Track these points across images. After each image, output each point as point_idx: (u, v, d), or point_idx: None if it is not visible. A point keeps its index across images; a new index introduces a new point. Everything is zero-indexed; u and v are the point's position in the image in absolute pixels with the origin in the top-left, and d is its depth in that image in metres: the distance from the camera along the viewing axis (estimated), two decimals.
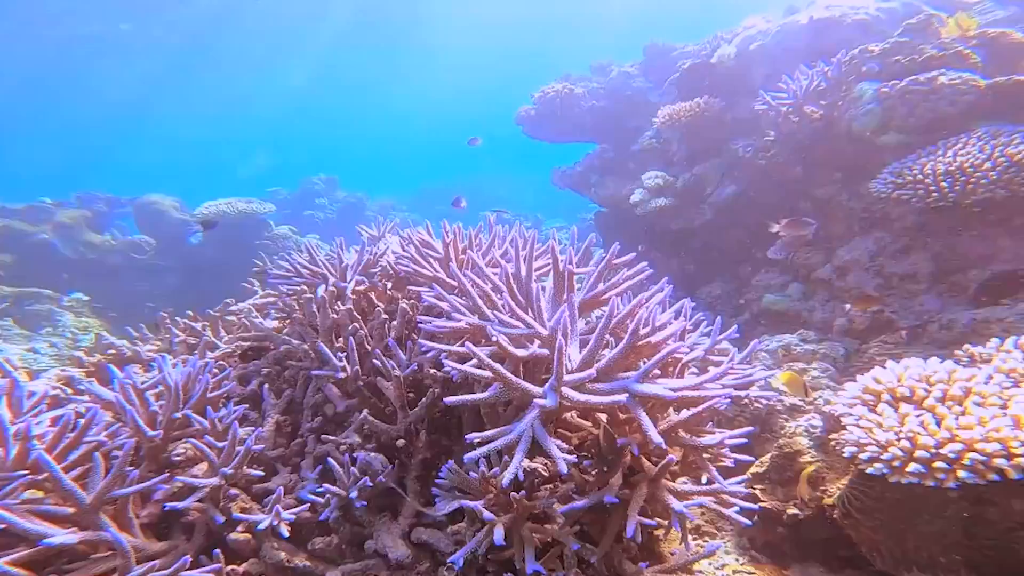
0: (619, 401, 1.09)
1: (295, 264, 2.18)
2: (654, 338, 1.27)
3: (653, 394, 1.13)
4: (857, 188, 2.77)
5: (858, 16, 3.34)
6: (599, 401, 1.14)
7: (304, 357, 1.96)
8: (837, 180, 2.91)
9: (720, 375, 1.17)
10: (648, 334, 1.27)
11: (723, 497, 1.23)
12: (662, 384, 1.22)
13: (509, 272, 1.59)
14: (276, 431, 2.00)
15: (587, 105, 6.16)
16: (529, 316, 1.38)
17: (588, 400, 1.17)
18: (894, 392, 1.40)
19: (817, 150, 3.00)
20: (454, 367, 1.31)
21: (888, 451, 1.25)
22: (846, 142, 2.83)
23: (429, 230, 2.16)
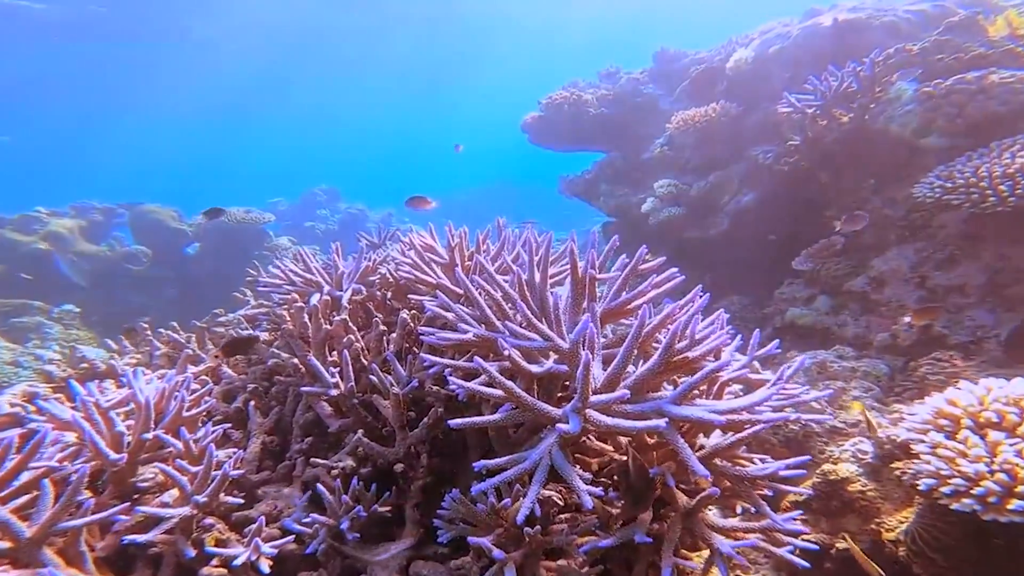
0: (657, 427, 0.93)
1: (286, 271, 2.04)
2: (691, 353, 1.12)
3: (696, 419, 0.98)
4: (892, 194, 2.63)
5: (886, 18, 3.22)
6: (632, 427, 0.98)
7: (294, 372, 1.81)
8: (868, 187, 2.77)
9: (770, 396, 1.01)
10: (684, 348, 1.12)
11: (776, 535, 1.07)
12: (703, 406, 1.06)
13: (522, 278, 1.44)
14: (262, 453, 1.84)
15: (595, 112, 6.06)
16: (546, 327, 1.23)
17: (618, 425, 1.01)
18: (977, 417, 1.23)
19: (846, 155, 2.86)
20: (460, 385, 1.16)
21: (981, 485, 1.09)
22: (880, 146, 2.70)
23: (432, 233, 2.02)
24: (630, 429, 0.98)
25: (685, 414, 1.00)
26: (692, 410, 1.01)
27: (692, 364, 1.15)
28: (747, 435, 1.13)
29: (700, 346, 1.12)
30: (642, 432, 1.05)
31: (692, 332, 1.11)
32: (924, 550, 1.25)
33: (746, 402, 1.01)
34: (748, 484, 1.09)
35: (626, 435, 1.40)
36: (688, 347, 1.11)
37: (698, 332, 1.11)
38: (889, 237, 2.63)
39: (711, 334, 1.10)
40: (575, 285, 1.47)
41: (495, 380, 1.13)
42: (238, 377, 1.95)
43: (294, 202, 15.43)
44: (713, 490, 1.04)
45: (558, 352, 1.22)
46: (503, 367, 1.45)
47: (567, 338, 1.30)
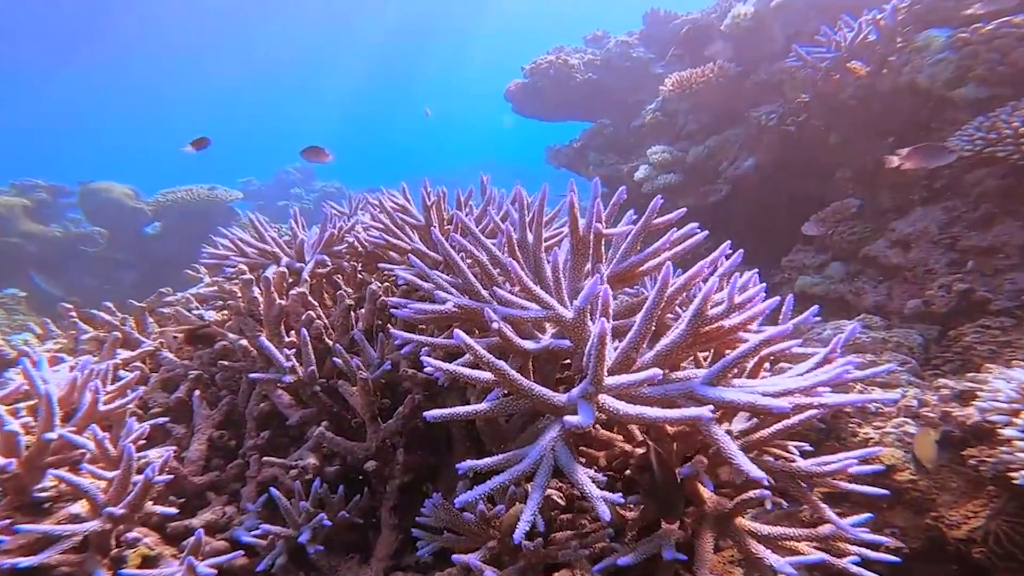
0: (699, 417, 0.71)
1: (235, 240, 1.78)
2: (728, 321, 0.90)
3: (746, 404, 0.76)
4: None
5: None
6: (662, 417, 0.76)
7: (244, 355, 1.56)
8: (888, 145, 2.57)
9: (840, 374, 0.80)
10: (720, 316, 0.89)
11: (839, 545, 0.86)
12: (748, 388, 0.85)
13: (512, 237, 1.21)
14: (209, 450, 1.60)
15: (582, 78, 5.78)
16: (544, 292, 1.00)
17: (643, 415, 0.79)
18: None
19: (862, 112, 2.65)
20: (437, 367, 0.93)
21: None
22: (902, 100, 2.49)
23: (406, 194, 1.76)
24: (661, 420, 0.76)
25: (730, 398, 0.78)
26: (738, 393, 0.79)
27: (728, 335, 0.93)
28: (797, 423, 0.92)
29: (739, 312, 0.90)
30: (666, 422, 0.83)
31: (730, 294, 0.88)
32: (1015, 552, 1.06)
33: (806, 382, 0.80)
34: (803, 482, 0.88)
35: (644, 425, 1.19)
36: (725, 313, 0.89)
37: (736, 295, 0.89)
38: (911, 198, 2.44)
39: (754, 297, 0.88)
40: (575, 245, 1.24)
41: (482, 360, 0.90)
42: (180, 363, 1.69)
43: (267, 181, 14.94)
44: (762, 493, 0.84)
45: (560, 323, 1.00)
46: (491, 344, 1.22)
47: (571, 305, 1.07)
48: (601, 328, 0.75)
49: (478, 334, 1.44)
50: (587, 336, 0.99)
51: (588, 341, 0.90)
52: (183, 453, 1.56)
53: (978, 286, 1.95)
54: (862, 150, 2.71)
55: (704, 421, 0.73)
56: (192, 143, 3.53)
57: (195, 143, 3.53)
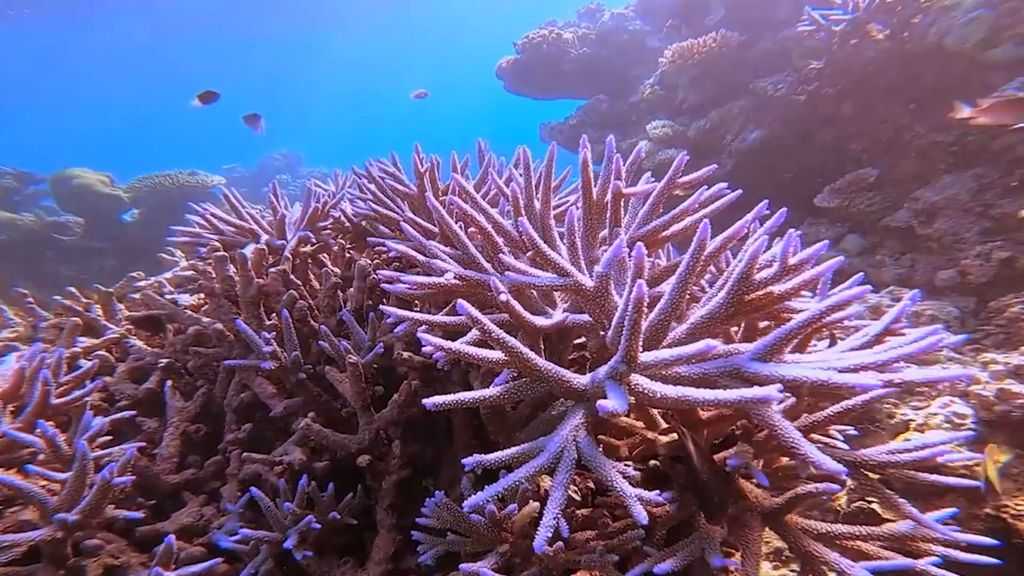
0: (767, 399, 0.59)
1: (209, 216, 1.63)
2: (779, 286, 0.77)
3: (815, 382, 0.64)
4: (942, 119, 2.30)
5: None
6: (713, 400, 0.63)
7: (219, 340, 1.42)
8: (908, 112, 2.45)
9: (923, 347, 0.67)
10: (770, 280, 0.77)
11: (917, 545, 0.74)
12: (810, 364, 0.72)
13: (518, 199, 1.07)
14: (184, 446, 1.47)
15: (577, 53, 5.61)
16: (560, 257, 0.87)
17: (686, 397, 0.66)
18: None
19: (881, 77, 2.52)
20: (438, 345, 0.79)
21: None
22: (927, 64, 2.35)
23: (396, 161, 1.62)
24: (711, 404, 0.64)
25: (793, 375, 0.65)
26: (801, 370, 0.66)
27: (777, 302, 0.80)
28: (861, 404, 0.80)
29: (792, 277, 0.77)
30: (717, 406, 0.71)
31: (783, 253, 0.75)
32: None
33: (885, 354, 0.67)
34: (871, 472, 0.76)
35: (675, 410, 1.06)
36: (776, 277, 0.76)
37: (790, 254, 0.76)
38: (936, 166, 2.32)
39: (809, 258, 0.76)
40: (588, 210, 1.10)
41: (491, 336, 0.77)
42: (150, 351, 1.55)
43: (251, 168, 14.67)
44: (829, 486, 0.72)
45: (579, 292, 0.87)
46: (497, 322, 1.09)
47: (590, 271, 0.94)
48: (639, 291, 0.62)
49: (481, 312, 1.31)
50: (611, 307, 0.86)
51: (616, 312, 0.77)
52: (154, 449, 1.43)
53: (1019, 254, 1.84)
54: (880, 118, 2.59)
55: (765, 404, 0.61)
56: (199, 96, 3.32)
57: (202, 96, 3.31)
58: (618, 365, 0.74)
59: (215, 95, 3.40)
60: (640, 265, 0.68)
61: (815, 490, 0.75)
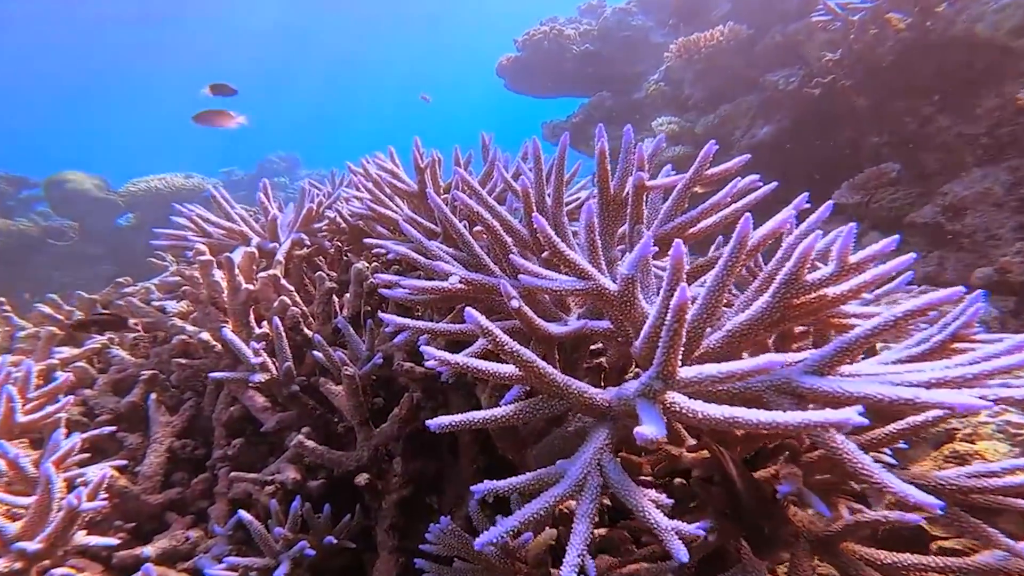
0: (844, 423, 0.49)
1: (195, 218, 1.54)
2: (836, 288, 0.68)
3: (895, 400, 0.54)
4: (969, 110, 2.21)
5: None
6: (771, 423, 0.54)
7: (206, 351, 1.33)
8: (932, 104, 2.35)
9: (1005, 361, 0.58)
10: (824, 282, 0.67)
11: None
12: (879, 376, 0.63)
13: (531, 196, 0.98)
14: (169, 463, 1.37)
15: (579, 50, 5.52)
16: (579, 257, 0.77)
17: (736, 419, 0.57)
18: None
19: (902, 68, 2.43)
20: (441, 359, 0.70)
21: None
22: (953, 53, 2.26)
23: (394, 157, 1.53)
24: (768, 428, 0.54)
25: (864, 392, 0.56)
26: (874, 387, 0.57)
27: (831, 307, 0.71)
28: (926, 422, 0.70)
29: (850, 278, 0.68)
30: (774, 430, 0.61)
31: (842, 250, 0.66)
32: None
33: (977, 367, 0.58)
34: (948, 499, 0.67)
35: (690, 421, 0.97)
36: (833, 277, 0.67)
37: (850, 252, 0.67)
38: (964, 159, 2.23)
39: (874, 256, 0.66)
40: (605, 205, 1.01)
41: (503, 347, 0.68)
42: (135, 361, 1.46)
43: (249, 171, 14.60)
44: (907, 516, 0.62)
45: (601, 297, 0.77)
46: (506, 330, 1.00)
47: (610, 273, 0.85)
48: (681, 296, 0.53)
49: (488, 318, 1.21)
50: (637, 314, 0.77)
51: (647, 321, 0.68)
52: (136, 467, 1.34)
53: None
54: (901, 111, 2.50)
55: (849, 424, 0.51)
56: (211, 87, 3.06)
57: (214, 87, 3.06)
58: (652, 382, 0.64)
59: (231, 90, 3.15)
60: (679, 266, 0.58)
61: (887, 519, 0.66)
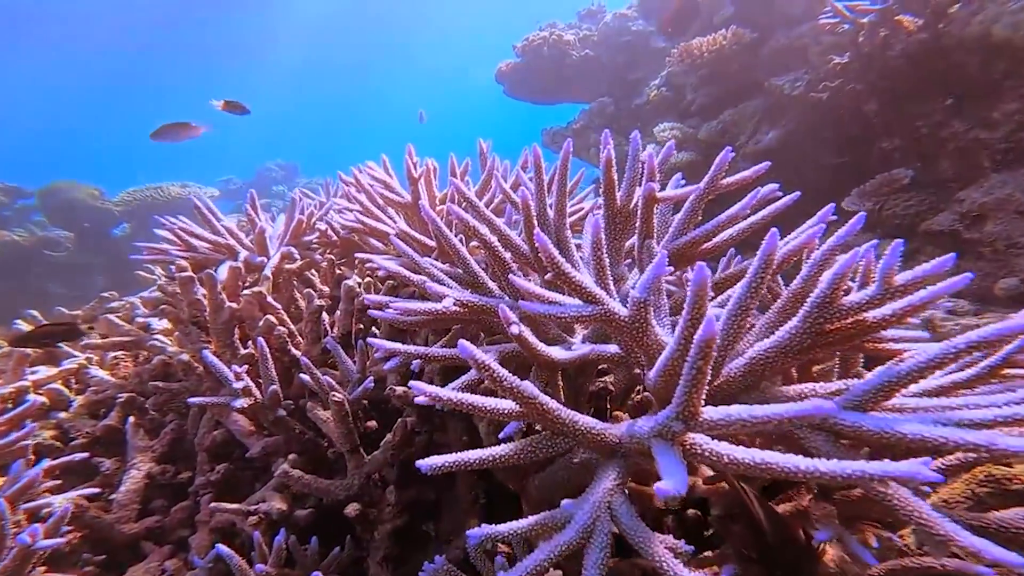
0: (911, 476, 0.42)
1: (179, 231, 1.47)
2: (877, 311, 0.60)
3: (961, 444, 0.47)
4: (985, 113, 2.14)
5: None
6: (819, 472, 0.46)
7: (187, 373, 1.25)
8: (945, 108, 2.28)
9: None
10: (864, 305, 0.60)
11: None
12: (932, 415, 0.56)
13: (531, 209, 0.91)
14: (148, 489, 1.30)
15: (578, 55, 5.48)
16: (585, 278, 0.70)
17: (770, 465, 0.50)
18: None
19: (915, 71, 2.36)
20: (434, 396, 0.63)
21: None
22: (968, 56, 2.19)
23: (387, 166, 1.46)
24: (814, 475, 0.47)
25: (923, 434, 0.48)
26: (937, 429, 0.49)
27: (868, 334, 0.63)
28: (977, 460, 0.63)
29: (895, 300, 0.61)
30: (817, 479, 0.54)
31: (886, 270, 0.59)
32: None
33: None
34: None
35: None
36: (876, 300, 0.60)
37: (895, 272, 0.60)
38: (981, 164, 2.15)
39: (924, 277, 0.59)
40: (611, 218, 0.94)
41: (501, 383, 0.61)
42: (114, 382, 1.38)
43: (247, 179, 14.59)
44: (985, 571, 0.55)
45: (610, 323, 0.70)
46: (506, 352, 0.92)
47: (618, 290, 0.78)
48: (708, 329, 0.46)
49: (484, 339, 1.14)
50: (651, 342, 0.69)
51: (663, 352, 0.60)
52: (112, 494, 1.26)
53: None
54: (912, 115, 2.43)
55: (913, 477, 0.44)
56: (224, 103, 2.98)
57: (227, 104, 2.98)
58: (670, 422, 0.57)
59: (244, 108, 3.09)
60: (703, 293, 0.51)
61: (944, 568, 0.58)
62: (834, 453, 0.59)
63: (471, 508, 1.31)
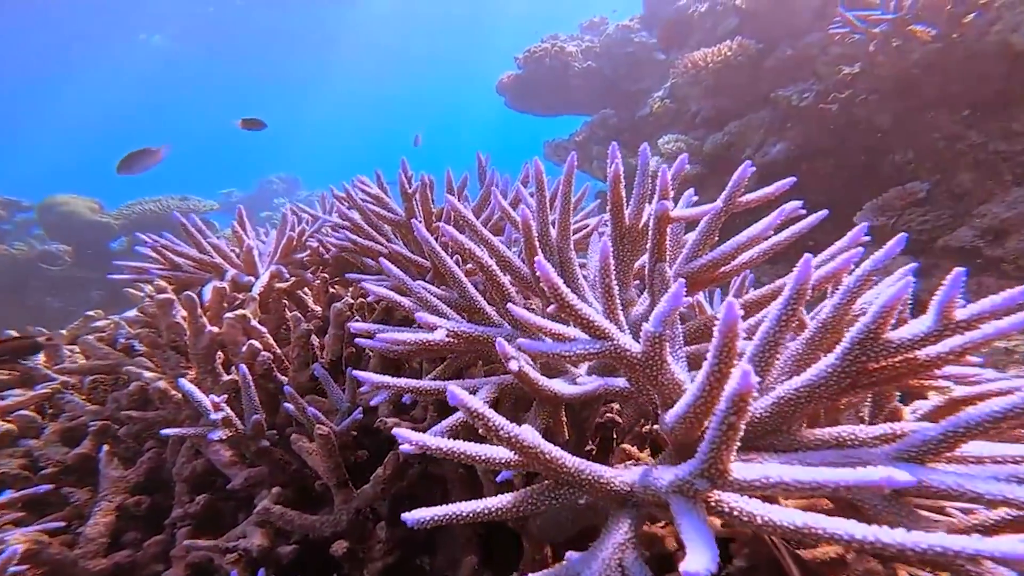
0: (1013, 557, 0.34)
1: (161, 248, 1.40)
2: (932, 349, 0.53)
3: None
4: (1006, 125, 2.07)
5: None
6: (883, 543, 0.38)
7: (163, 402, 1.18)
8: (962, 119, 2.21)
9: None
10: (917, 342, 0.53)
11: None
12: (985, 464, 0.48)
13: (532, 228, 0.84)
14: (118, 522, 1.22)
15: (581, 67, 5.45)
16: (589, 308, 0.62)
17: (816, 531, 0.42)
18: None
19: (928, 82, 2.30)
20: (419, 445, 0.55)
21: None
22: (986, 65, 2.13)
23: (381, 181, 1.39)
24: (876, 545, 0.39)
25: (1006, 495, 0.41)
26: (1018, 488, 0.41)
27: (919, 373, 0.56)
28: None
29: (957, 336, 0.53)
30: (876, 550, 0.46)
31: (944, 303, 0.51)
32: None
33: None
34: None
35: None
36: (931, 336, 0.52)
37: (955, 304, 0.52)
38: (1002, 177, 2.08)
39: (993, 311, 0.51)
40: (618, 238, 0.87)
41: (498, 432, 0.53)
42: (90, 408, 1.31)
43: (249, 192, 14.61)
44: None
45: (621, 360, 0.62)
46: (505, 384, 0.85)
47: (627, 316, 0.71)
48: (744, 382, 0.38)
49: (483, 368, 1.06)
50: (666, 381, 0.62)
51: (678, 387, 0.53)
52: (81, 527, 1.18)
53: None
54: (927, 127, 2.36)
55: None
56: (243, 121, 3.12)
57: (246, 122, 3.12)
58: (693, 479, 0.49)
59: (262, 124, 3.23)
60: (733, 335, 0.43)
61: None
62: (888, 511, 0.51)
63: (468, 543, 1.23)
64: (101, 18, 17.90)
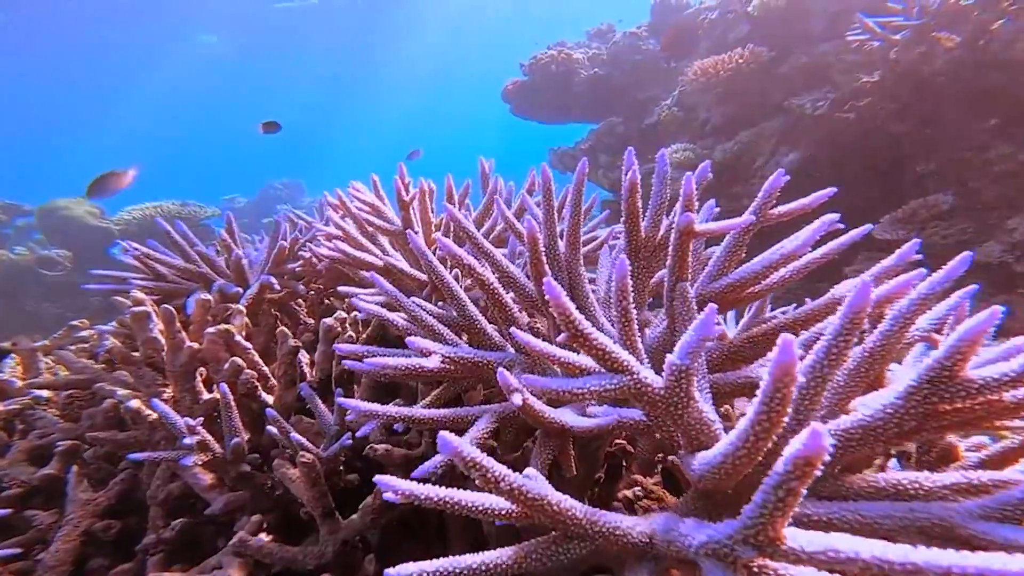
0: None
1: (143, 256, 1.33)
2: (1016, 393, 0.45)
3: None
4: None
5: None
6: None
7: (137, 422, 1.10)
8: (988, 129, 2.13)
9: None
10: (1001, 384, 0.44)
11: None
12: None
13: (539, 242, 0.76)
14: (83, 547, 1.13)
15: (588, 74, 5.40)
16: (607, 340, 0.54)
17: None
18: None
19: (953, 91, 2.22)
20: (407, 494, 0.47)
21: None
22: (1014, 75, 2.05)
23: (377, 188, 1.32)
24: None
25: None
26: None
27: (1004, 416, 0.47)
28: None
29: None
30: None
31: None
32: None
33: None
34: None
35: None
36: (1007, 380, 0.44)
37: None
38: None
39: None
40: (633, 252, 0.79)
41: (499, 483, 0.45)
42: (61, 425, 1.23)
43: (251, 198, 14.61)
44: None
45: (642, 397, 0.54)
46: (507, 412, 0.77)
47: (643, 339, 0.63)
48: (816, 445, 0.30)
49: (483, 392, 0.98)
50: (693, 420, 0.53)
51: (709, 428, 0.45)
52: (41, 554, 1.10)
53: None
54: (950, 137, 2.28)
55: None
56: (263, 125, 3.34)
57: (265, 125, 3.32)
58: (734, 544, 0.41)
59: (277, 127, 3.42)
60: (789, 376, 0.35)
61: None
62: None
63: None
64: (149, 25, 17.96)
